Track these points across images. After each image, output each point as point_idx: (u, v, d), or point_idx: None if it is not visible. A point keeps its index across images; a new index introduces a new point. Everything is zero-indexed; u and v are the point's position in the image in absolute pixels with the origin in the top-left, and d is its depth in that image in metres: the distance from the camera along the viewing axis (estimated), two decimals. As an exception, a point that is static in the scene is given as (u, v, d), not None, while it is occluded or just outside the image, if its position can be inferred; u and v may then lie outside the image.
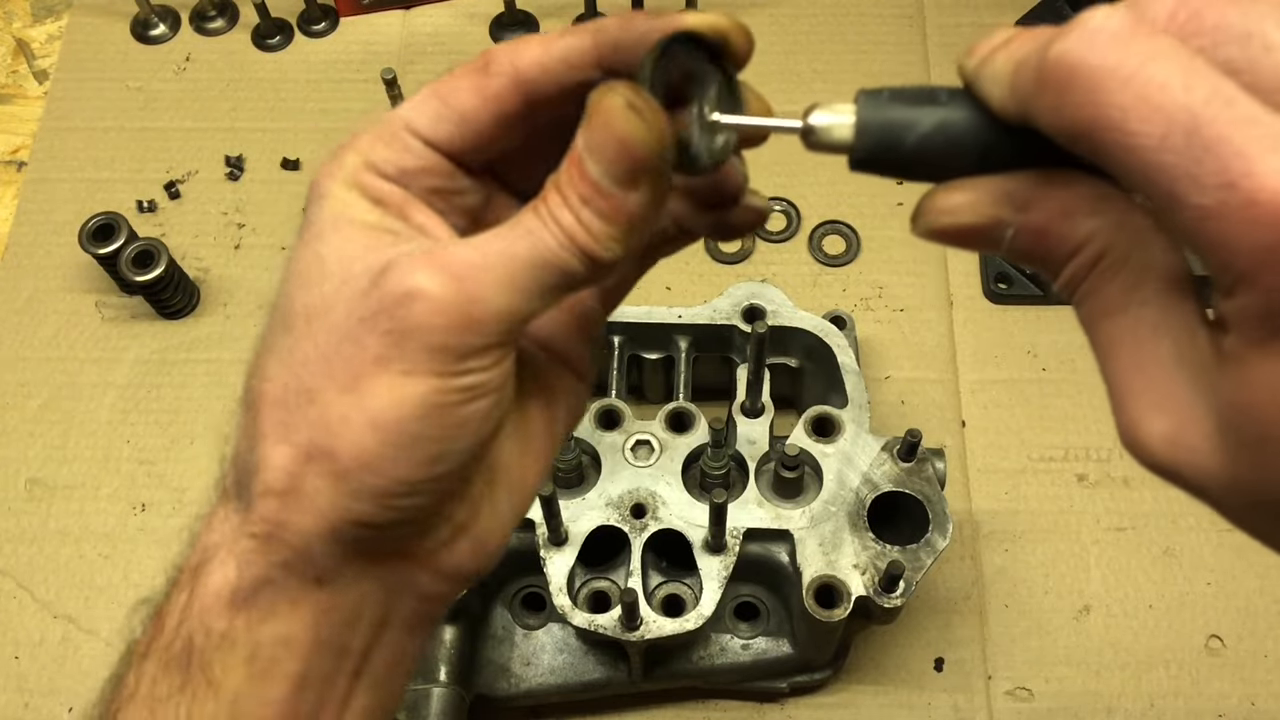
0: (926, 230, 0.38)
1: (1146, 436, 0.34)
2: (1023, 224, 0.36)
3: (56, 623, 0.95)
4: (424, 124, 0.42)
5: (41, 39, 1.25)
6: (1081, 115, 0.32)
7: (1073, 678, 0.92)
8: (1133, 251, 0.35)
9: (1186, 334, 0.34)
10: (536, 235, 0.38)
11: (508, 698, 0.87)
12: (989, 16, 1.20)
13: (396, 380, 0.38)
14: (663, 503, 0.81)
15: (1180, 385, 0.34)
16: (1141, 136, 0.31)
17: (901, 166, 0.37)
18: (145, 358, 1.06)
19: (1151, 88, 0.30)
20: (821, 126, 0.38)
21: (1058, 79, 0.32)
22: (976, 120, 0.36)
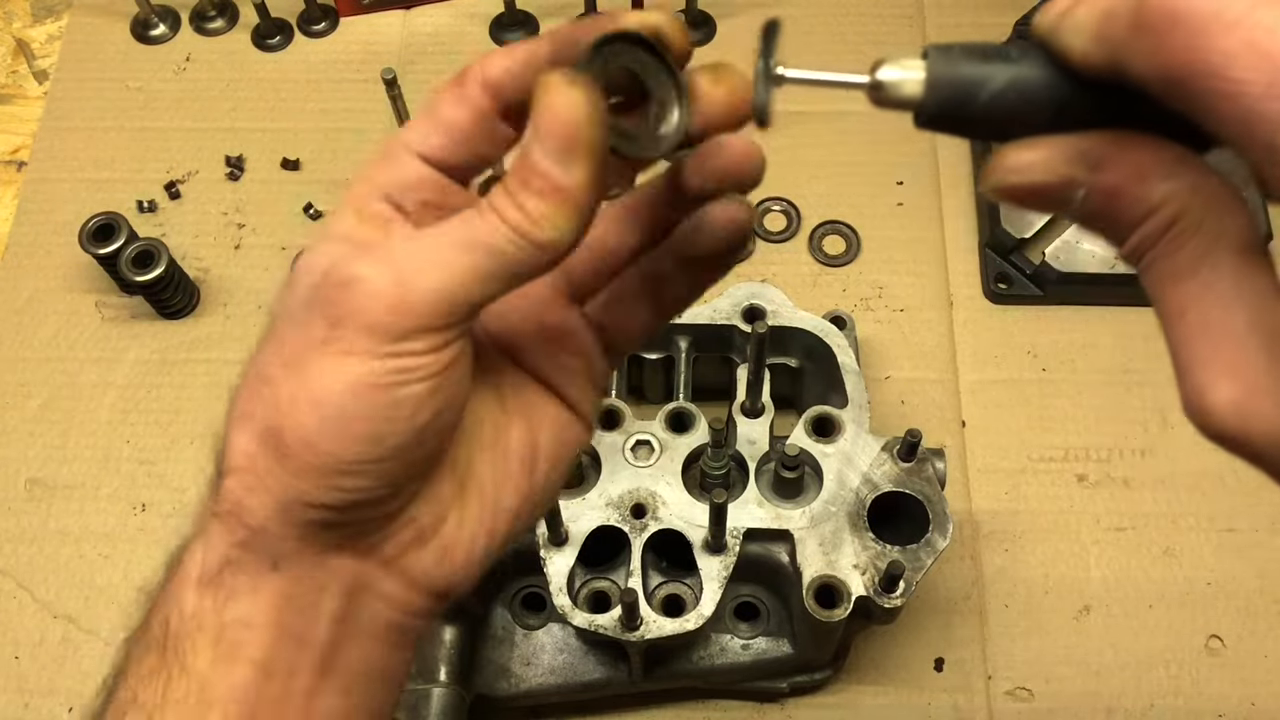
0: (996, 187, 0.37)
1: (1214, 403, 0.34)
2: (1096, 184, 0.35)
3: (56, 623, 0.95)
4: (415, 139, 0.45)
5: (41, 39, 1.25)
6: (1182, 59, 0.31)
7: (1073, 678, 0.92)
8: (1207, 217, 0.34)
9: (1260, 301, 0.34)
10: (472, 220, 0.40)
11: (508, 698, 0.87)
12: (989, 16, 1.20)
13: (336, 360, 0.40)
14: (663, 503, 0.81)
15: (1253, 352, 0.33)
16: (1246, 84, 0.30)
17: (971, 124, 0.37)
18: (145, 358, 1.06)
19: (1259, 32, 0.30)
20: (890, 82, 0.37)
21: (1158, 22, 0.31)
22: (1051, 77, 0.36)
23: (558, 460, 0.49)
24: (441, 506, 0.45)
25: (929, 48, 0.37)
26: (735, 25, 1.22)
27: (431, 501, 0.45)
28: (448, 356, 0.42)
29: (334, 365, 0.40)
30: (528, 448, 0.47)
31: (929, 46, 0.37)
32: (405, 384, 0.41)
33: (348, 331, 0.40)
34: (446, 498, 0.45)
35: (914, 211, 1.10)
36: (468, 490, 0.46)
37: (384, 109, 1.03)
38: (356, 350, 0.40)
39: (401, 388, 0.41)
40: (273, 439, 0.42)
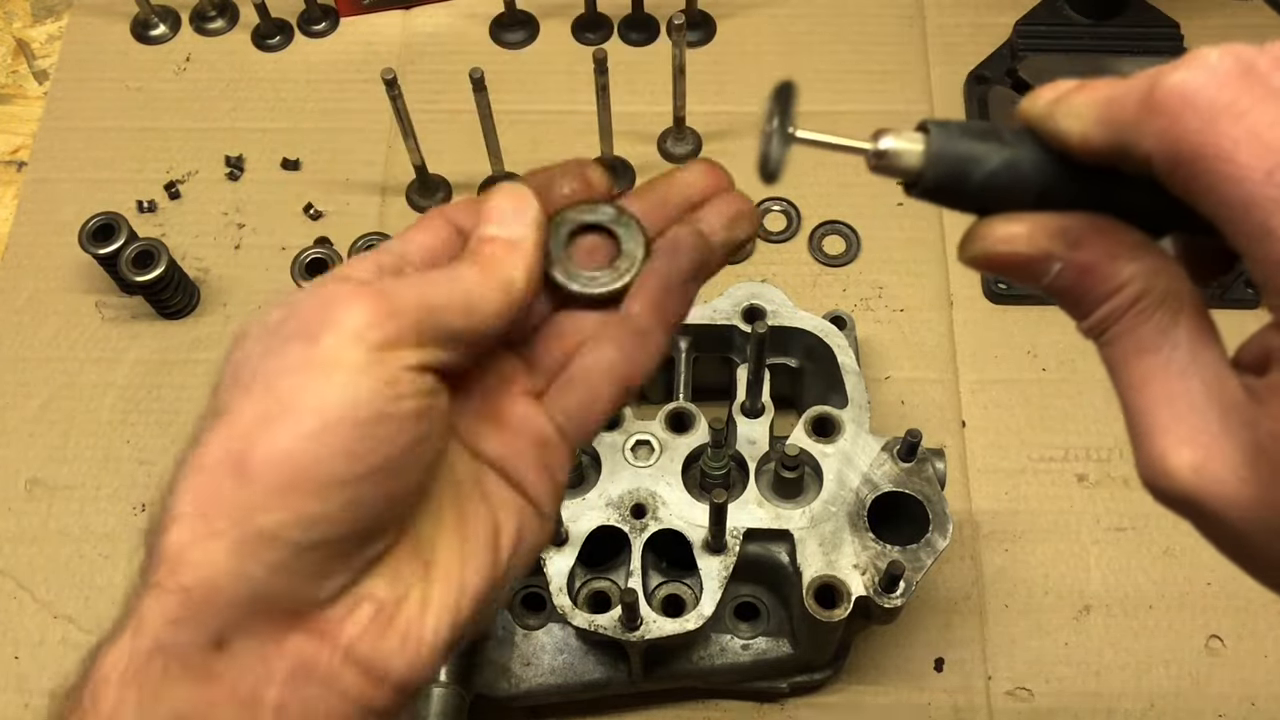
0: (979, 254, 0.40)
1: (1176, 468, 0.37)
2: (1072, 260, 0.38)
3: (56, 623, 0.95)
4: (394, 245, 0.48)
5: (41, 39, 1.25)
6: (1193, 141, 0.34)
7: (1073, 678, 0.92)
8: (1167, 296, 0.38)
9: (1215, 374, 0.37)
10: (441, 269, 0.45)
11: (508, 698, 0.87)
12: (989, 16, 1.20)
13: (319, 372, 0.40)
14: (663, 503, 0.81)
15: (1209, 420, 0.37)
16: (1249, 169, 0.33)
17: (961, 197, 0.40)
18: (145, 358, 1.06)
19: (1263, 125, 0.33)
20: (893, 152, 0.40)
21: (1172, 105, 0.34)
22: (1040, 161, 0.39)
23: (519, 546, 0.47)
24: (403, 586, 0.43)
25: (929, 122, 0.40)
26: (735, 25, 1.22)
27: (393, 579, 0.42)
28: (430, 385, 0.42)
29: (317, 378, 0.39)
30: (490, 531, 0.46)
31: (929, 121, 0.40)
32: (394, 399, 0.40)
33: (332, 340, 0.40)
34: (408, 577, 0.43)
35: (914, 211, 1.10)
36: (432, 570, 0.44)
37: (384, 109, 1.03)
38: (342, 362, 0.39)
39: (389, 403, 0.40)
40: (234, 466, 0.39)
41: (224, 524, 0.38)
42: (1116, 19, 1.14)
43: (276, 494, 0.38)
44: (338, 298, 0.41)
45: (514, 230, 0.45)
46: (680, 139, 1.14)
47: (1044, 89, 0.39)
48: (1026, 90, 1.11)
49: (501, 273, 0.44)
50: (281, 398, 0.39)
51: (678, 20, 0.98)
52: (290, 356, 0.40)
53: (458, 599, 0.44)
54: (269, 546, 0.39)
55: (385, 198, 1.13)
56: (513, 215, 0.46)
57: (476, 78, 0.97)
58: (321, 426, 0.39)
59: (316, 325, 0.40)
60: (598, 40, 1.21)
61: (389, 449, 0.40)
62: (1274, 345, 0.35)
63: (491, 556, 0.46)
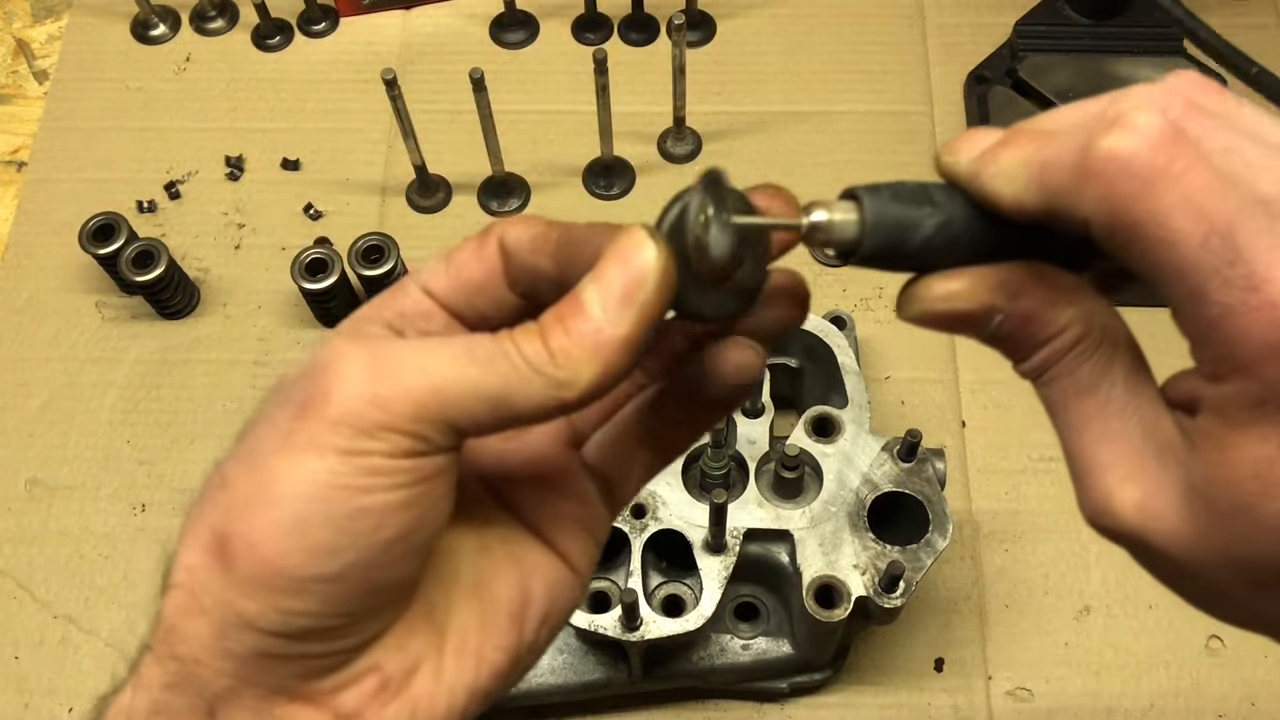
0: (920, 314, 0.40)
1: (1119, 505, 0.38)
2: (1013, 310, 0.39)
3: (56, 623, 0.95)
4: (426, 276, 0.43)
5: (41, 39, 1.25)
6: (1130, 208, 0.34)
7: (1073, 678, 0.92)
8: (1104, 338, 0.39)
9: (1151, 412, 0.38)
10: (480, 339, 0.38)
11: (508, 697, 0.87)
12: (989, 16, 1.20)
13: (297, 456, 0.36)
14: (663, 503, 0.81)
15: (1148, 459, 0.38)
16: (1186, 234, 0.33)
17: (897, 262, 0.40)
18: (145, 358, 1.06)
19: (1195, 188, 0.33)
20: (825, 224, 0.39)
21: (1108, 173, 0.34)
22: (971, 219, 0.39)
23: (549, 616, 0.44)
24: (413, 656, 0.40)
25: (858, 190, 0.39)
26: (735, 25, 1.22)
27: (401, 649, 0.40)
28: (423, 470, 0.37)
29: (294, 462, 0.36)
30: (517, 600, 0.43)
31: (857, 189, 0.39)
32: (371, 490, 0.36)
33: (312, 422, 0.36)
34: (419, 647, 0.40)
35: (914, 211, 1.10)
36: (446, 641, 0.41)
37: (384, 109, 1.03)
38: (320, 445, 0.36)
39: (366, 494, 0.36)
40: (219, 547, 0.37)
41: (209, 602, 0.37)
42: (1116, 19, 1.14)
43: (253, 584, 0.36)
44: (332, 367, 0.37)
45: (618, 327, 0.37)
46: (680, 139, 1.14)
47: (961, 142, 0.39)
48: (1027, 90, 1.12)
49: (563, 372, 0.37)
50: (263, 479, 0.37)
51: (678, 20, 0.98)
52: (278, 430, 0.37)
53: (475, 672, 0.41)
54: (249, 632, 0.37)
55: (385, 198, 1.13)
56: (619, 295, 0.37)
57: (476, 78, 0.97)
58: (293, 519, 0.36)
59: (306, 398, 0.37)
60: (598, 40, 1.21)
61: (369, 543, 0.37)
62: (1201, 393, 0.36)
63: (515, 628, 0.43)
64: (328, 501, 0.36)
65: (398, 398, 0.36)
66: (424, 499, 0.38)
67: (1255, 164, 0.35)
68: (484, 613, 0.42)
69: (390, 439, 0.36)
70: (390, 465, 0.36)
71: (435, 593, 0.41)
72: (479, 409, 0.37)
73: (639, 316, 0.37)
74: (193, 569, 0.37)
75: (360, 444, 0.36)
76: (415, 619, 0.40)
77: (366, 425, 0.36)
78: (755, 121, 1.16)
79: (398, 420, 0.36)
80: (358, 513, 0.36)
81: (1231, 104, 0.37)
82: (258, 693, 0.38)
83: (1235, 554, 0.36)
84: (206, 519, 0.38)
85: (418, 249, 1.07)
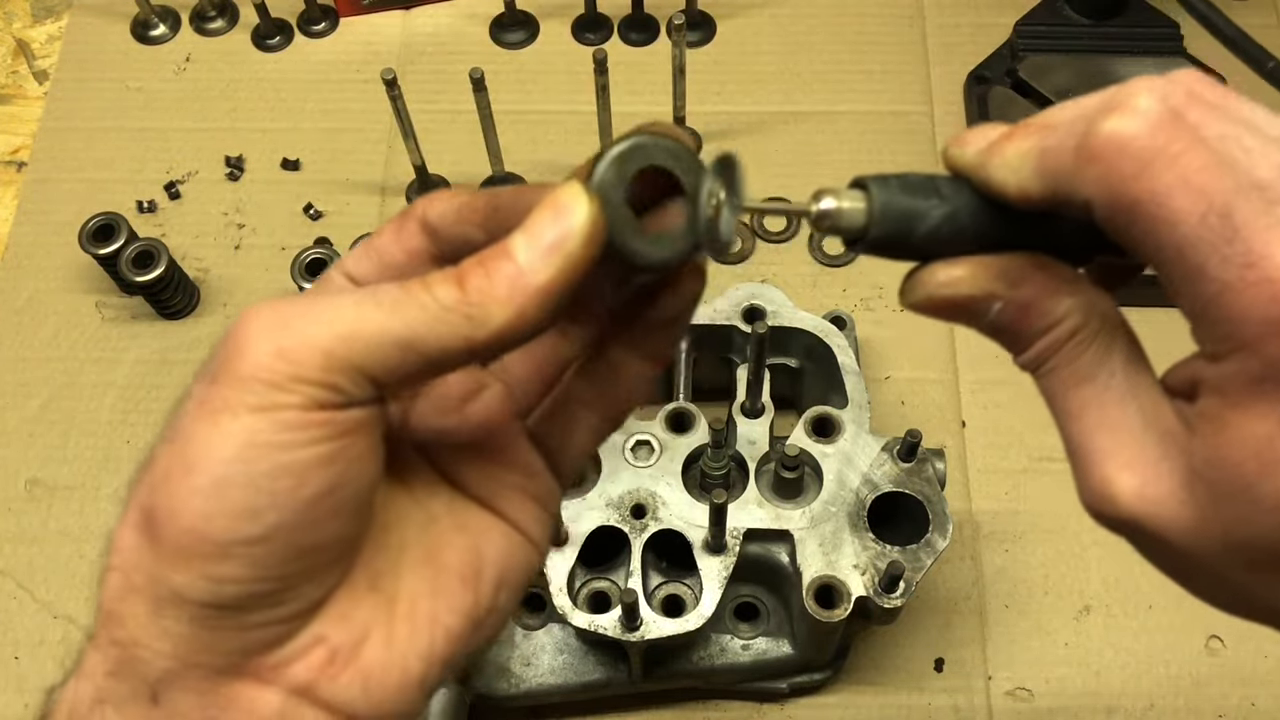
0: (923, 299, 0.41)
1: (1119, 492, 0.38)
2: (1013, 298, 0.40)
3: (56, 623, 0.95)
4: (350, 264, 0.43)
5: (41, 39, 1.25)
6: (1130, 188, 0.35)
7: (1073, 678, 0.92)
8: (1102, 328, 0.40)
9: (1150, 400, 0.39)
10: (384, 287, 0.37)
11: (508, 698, 0.87)
12: (989, 16, 1.20)
13: (212, 419, 0.36)
14: (663, 503, 0.81)
15: (1148, 445, 0.38)
16: (1185, 213, 0.34)
17: (903, 250, 0.41)
18: (145, 358, 1.06)
19: (1193, 169, 0.34)
20: (834, 211, 0.40)
21: (1108, 154, 0.35)
22: (976, 209, 0.40)
23: (505, 578, 0.44)
24: (360, 625, 0.40)
25: (866, 180, 0.40)
26: (735, 25, 1.22)
27: (346, 618, 0.39)
28: (341, 423, 0.37)
29: (210, 425, 0.36)
30: (469, 564, 0.43)
31: (865, 179, 0.40)
32: (288, 446, 0.36)
33: (224, 385, 0.36)
34: (366, 615, 0.40)
35: (914, 211, 1.10)
36: (396, 609, 0.41)
37: (384, 109, 1.03)
38: (232, 405, 0.36)
39: (284, 451, 0.36)
40: (146, 522, 0.37)
41: (141, 580, 0.37)
42: (1116, 19, 1.14)
43: (179, 554, 0.36)
44: (240, 329, 0.37)
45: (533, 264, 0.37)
46: (680, 139, 1.14)
47: (969, 135, 0.40)
48: (1026, 90, 1.12)
49: (475, 310, 0.37)
50: (182, 448, 0.36)
51: (678, 20, 0.98)
52: (195, 396, 0.37)
53: (430, 637, 0.41)
54: (182, 606, 0.37)
55: (385, 198, 1.13)
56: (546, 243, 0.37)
57: (476, 78, 0.97)
58: (212, 483, 0.36)
59: (220, 360, 0.37)
60: (598, 40, 1.21)
61: (291, 501, 0.36)
62: (1202, 374, 0.36)
63: (470, 590, 0.42)
64: (246, 462, 0.36)
65: (304, 348, 0.36)
66: (345, 454, 0.37)
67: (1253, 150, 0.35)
68: (435, 578, 0.42)
69: (301, 389, 0.36)
70: (305, 419, 0.36)
71: (380, 561, 0.41)
72: (388, 353, 0.36)
73: (563, 266, 0.37)
74: (123, 549, 0.38)
75: (271, 398, 0.36)
76: (359, 588, 0.40)
77: (275, 378, 0.36)
78: (755, 121, 1.16)
79: (306, 370, 0.36)
80: (277, 470, 0.36)
81: (1230, 97, 0.37)
82: (201, 673, 0.37)
83: (1235, 537, 0.36)
84: (136, 499, 0.38)
85: (418, 249, 1.07)
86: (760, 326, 0.81)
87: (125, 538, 0.38)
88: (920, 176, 0.40)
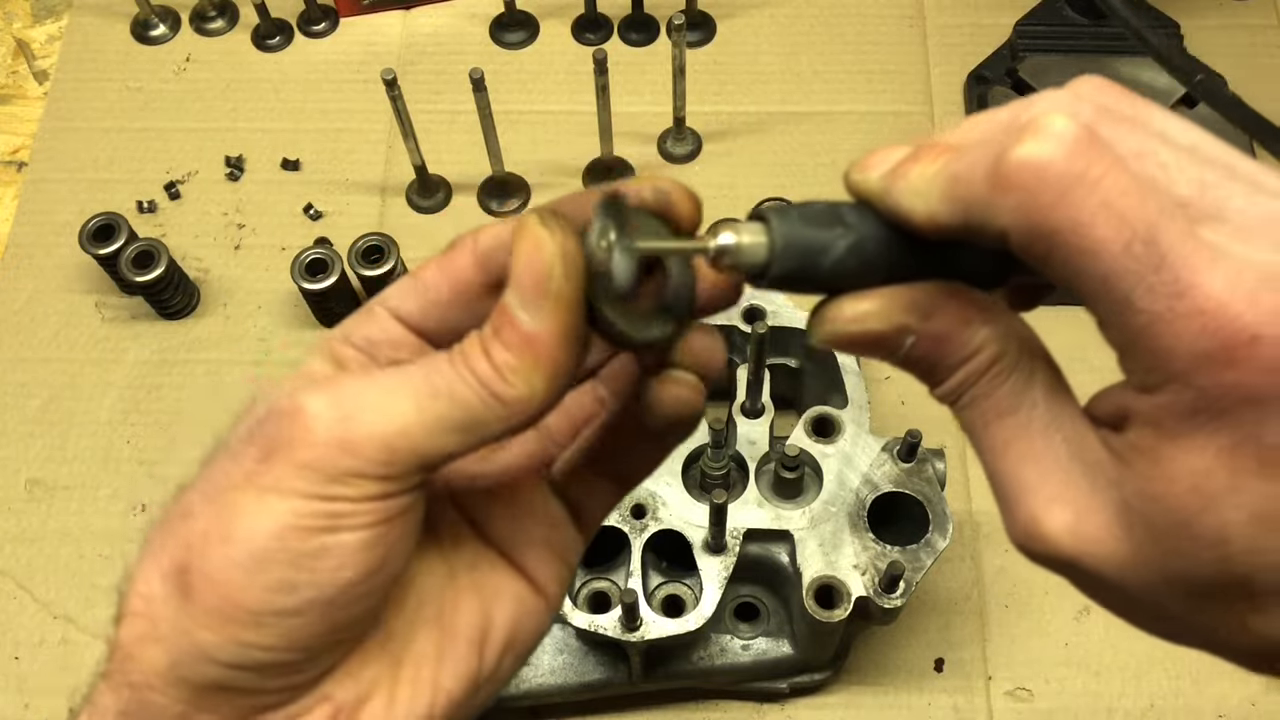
0: (830, 335, 0.38)
1: (1049, 529, 0.36)
2: (925, 331, 0.38)
3: (56, 623, 0.95)
4: (393, 298, 0.42)
5: (41, 39, 1.25)
6: (1048, 217, 0.33)
7: (1073, 678, 0.92)
8: (1021, 357, 0.38)
9: (1075, 432, 0.37)
10: (437, 365, 0.37)
11: (508, 698, 0.87)
12: (989, 16, 1.20)
13: (260, 496, 0.36)
14: (663, 503, 0.81)
15: (1076, 478, 0.36)
16: (1107, 242, 0.32)
17: (808, 284, 0.38)
18: (145, 358, 1.06)
19: (1115, 195, 0.32)
20: (733, 247, 0.37)
21: (1024, 181, 0.33)
22: (883, 238, 0.37)
23: (512, 643, 0.44)
24: (365, 684, 0.40)
25: (766, 211, 0.38)
26: (735, 25, 1.22)
27: (354, 678, 0.40)
28: (390, 510, 0.37)
29: (257, 501, 0.36)
30: (478, 627, 0.43)
31: (765, 210, 0.38)
32: (333, 531, 0.36)
33: (278, 465, 0.36)
34: (373, 675, 0.40)
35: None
36: (402, 670, 0.41)
37: (384, 109, 1.03)
38: (284, 487, 0.36)
39: (328, 534, 0.36)
40: (178, 578, 0.37)
41: (166, 630, 0.37)
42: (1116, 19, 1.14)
43: (212, 616, 0.37)
44: (300, 414, 0.36)
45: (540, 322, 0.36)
46: (680, 139, 1.14)
47: (871, 158, 0.38)
48: (1027, 90, 1.12)
49: (511, 389, 0.37)
50: (224, 514, 0.37)
51: (678, 20, 0.98)
52: (243, 467, 0.37)
53: (430, 702, 0.41)
54: (205, 662, 0.37)
55: (385, 198, 1.13)
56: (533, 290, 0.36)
57: (476, 78, 0.97)
58: (251, 557, 0.36)
59: (272, 441, 0.37)
60: (598, 40, 1.21)
61: (330, 580, 0.37)
62: (1132, 406, 0.35)
63: (475, 656, 0.42)
64: (288, 541, 0.36)
65: (368, 444, 0.36)
66: (388, 537, 0.37)
67: (1169, 166, 0.34)
68: (443, 641, 0.42)
69: (358, 484, 0.36)
70: (354, 508, 0.36)
71: (395, 621, 0.41)
72: (451, 441, 0.37)
73: (558, 307, 0.36)
74: (150, 598, 0.38)
75: (328, 489, 0.36)
76: (371, 648, 0.40)
77: (335, 472, 0.36)
78: (755, 121, 1.16)
79: (366, 465, 0.36)
80: (319, 551, 0.36)
81: (1140, 106, 0.36)
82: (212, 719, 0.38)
83: (1174, 570, 0.35)
84: (167, 549, 0.38)
85: (418, 249, 1.07)
86: (760, 326, 0.81)
87: (152, 585, 0.38)
88: (823, 205, 0.38)
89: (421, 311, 0.41)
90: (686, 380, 0.40)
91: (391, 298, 0.42)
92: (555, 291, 0.36)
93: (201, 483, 0.38)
